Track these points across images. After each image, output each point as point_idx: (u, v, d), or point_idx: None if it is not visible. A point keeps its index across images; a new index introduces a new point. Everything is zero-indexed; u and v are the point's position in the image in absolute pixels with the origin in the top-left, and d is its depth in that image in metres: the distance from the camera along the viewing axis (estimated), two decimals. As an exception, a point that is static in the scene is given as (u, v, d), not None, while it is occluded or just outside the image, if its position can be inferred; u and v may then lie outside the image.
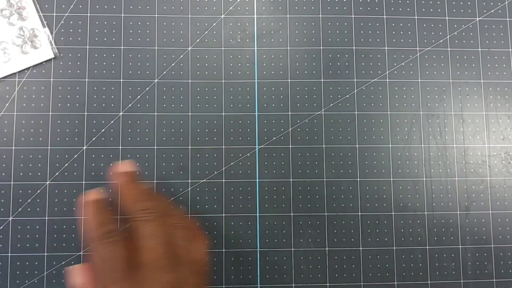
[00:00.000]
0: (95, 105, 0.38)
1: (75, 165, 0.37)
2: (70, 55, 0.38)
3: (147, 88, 0.38)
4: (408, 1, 0.40)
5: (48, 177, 0.37)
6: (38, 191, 0.37)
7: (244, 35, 0.39)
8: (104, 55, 0.38)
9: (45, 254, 0.36)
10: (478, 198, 0.39)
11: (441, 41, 0.40)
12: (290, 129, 0.38)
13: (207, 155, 0.38)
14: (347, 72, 0.39)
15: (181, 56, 0.38)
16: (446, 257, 0.38)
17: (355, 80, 0.39)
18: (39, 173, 0.37)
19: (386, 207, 0.38)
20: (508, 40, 0.40)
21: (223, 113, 0.38)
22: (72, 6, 0.38)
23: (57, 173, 0.37)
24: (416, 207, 0.38)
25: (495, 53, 0.40)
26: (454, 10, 0.40)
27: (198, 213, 0.37)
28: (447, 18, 0.40)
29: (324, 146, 0.38)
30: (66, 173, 0.37)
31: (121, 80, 0.38)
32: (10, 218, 0.36)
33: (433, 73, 0.40)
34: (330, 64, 0.39)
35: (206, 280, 0.32)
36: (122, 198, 0.32)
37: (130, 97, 0.38)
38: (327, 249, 0.37)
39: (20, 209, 0.36)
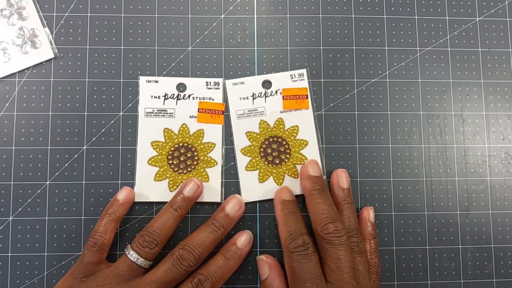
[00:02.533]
0: (95, 105, 0.38)
1: (75, 165, 0.37)
2: (70, 55, 0.38)
3: (147, 88, 0.38)
4: (408, 1, 0.40)
5: (48, 177, 0.37)
6: (38, 191, 0.37)
7: (244, 35, 0.39)
8: (104, 55, 0.38)
9: (45, 254, 0.36)
10: (478, 198, 0.39)
11: (441, 41, 0.40)
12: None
13: (207, 155, 0.38)
14: (347, 72, 0.39)
15: (181, 56, 0.38)
16: (446, 257, 0.38)
17: (355, 80, 0.39)
18: (39, 173, 0.37)
19: (386, 207, 0.38)
20: (508, 40, 0.40)
21: (224, 113, 0.38)
22: (72, 6, 0.38)
23: (57, 173, 0.37)
24: (416, 207, 0.38)
25: (495, 53, 0.40)
26: (454, 10, 0.40)
27: (198, 213, 0.37)
28: (447, 18, 0.40)
29: (324, 146, 0.38)
30: (66, 173, 0.37)
31: (121, 80, 0.38)
32: (10, 218, 0.36)
33: (433, 73, 0.40)
34: (330, 64, 0.39)
35: None
36: (312, 212, 0.33)
37: (130, 97, 0.38)
38: (327, 249, 0.37)
39: (20, 209, 0.36)
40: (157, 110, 0.37)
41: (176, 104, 0.37)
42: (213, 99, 0.37)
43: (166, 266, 0.31)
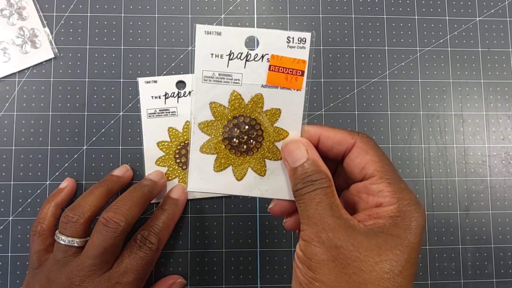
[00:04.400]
0: (95, 105, 0.38)
1: (75, 165, 0.37)
2: (70, 55, 0.38)
3: (147, 88, 0.38)
4: (408, 1, 0.40)
5: (48, 177, 0.37)
6: (38, 191, 0.37)
7: (244, 35, 0.39)
8: (104, 55, 0.38)
9: (45, 254, 0.36)
10: (478, 198, 0.39)
11: (441, 41, 0.40)
12: (290, 129, 0.38)
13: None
14: (347, 72, 0.39)
15: (181, 56, 0.38)
16: (446, 257, 0.38)
17: (355, 80, 0.39)
18: (39, 173, 0.37)
19: (386, 207, 0.38)
20: (508, 40, 0.40)
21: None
22: (72, 6, 0.38)
23: (57, 173, 0.37)
24: (416, 207, 0.38)
25: (495, 53, 0.40)
26: (454, 10, 0.40)
27: (198, 213, 0.37)
28: (447, 18, 0.40)
29: (324, 146, 0.38)
30: (66, 173, 0.37)
31: (121, 80, 0.38)
32: (10, 218, 0.36)
33: (433, 73, 0.40)
34: (330, 64, 0.39)
35: None
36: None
37: (130, 97, 0.38)
38: (327, 249, 0.37)
39: (20, 209, 0.36)
40: (159, 110, 0.37)
41: (178, 102, 0.37)
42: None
43: (95, 236, 0.30)
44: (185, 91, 0.37)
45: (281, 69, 0.27)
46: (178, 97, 0.37)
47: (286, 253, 0.37)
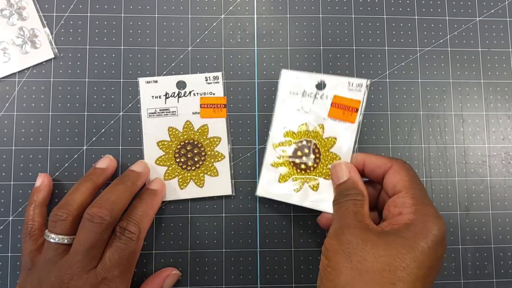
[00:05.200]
0: (95, 105, 0.38)
1: (75, 165, 0.37)
2: (70, 55, 0.38)
3: (147, 88, 0.38)
4: (408, 1, 0.40)
5: (48, 177, 0.37)
6: (38, 191, 0.37)
7: (244, 35, 0.39)
8: (104, 55, 0.38)
9: (45, 254, 0.36)
10: (478, 198, 0.39)
11: (441, 41, 0.40)
12: (290, 129, 0.38)
13: (207, 155, 0.38)
14: (347, 72, 0.39)
15: (181, 56, 0.38)
16: (446, 257, 0.38)
17: (355, 80, 0.39)
18: (39, 173, 0.37)
19: (386, 207, 0.38)
20: (508, 40, 0.40)
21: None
22: (72, 6, 0.38)
23: (57, 173, 0.37)
24: (416, 207, 0.38)
25: (495, 53, 0.40)
26: (454, 10, 0.40)
27: (198, 213, 0.37)
28: (447, 18, 0.40)
29: (324, 146, 0.38)
30: (66, 173, 0.37)
31: (121, 80, 0.38)
32: (10, 218, 0.36)
33: (433, 73, 0.40)
34: (330, 64, 0.39)
35: None
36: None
37: (130, 97, 0.38)
38: (327, 249, 0.37)
39: (20, 209, 0.36)
40: (160, 110, 0.37)
41: (178, 102, 0.37)
42: (214, 94, 0.38)
43: (81, 232, 0.30)
44: (185, 91, 0.37)
45: (340, 106, 0.35)
46: (179, 97, 0.37)
47: (286, 253, 0.37)
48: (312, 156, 0.35)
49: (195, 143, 0.37)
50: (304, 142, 0.36)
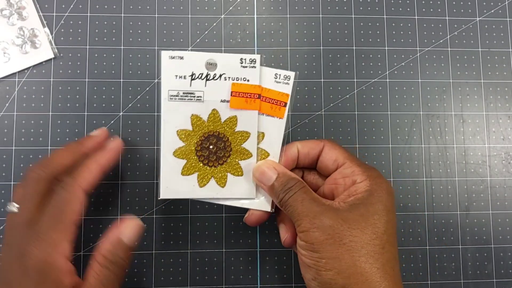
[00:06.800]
0: (95, 105, 0.38)
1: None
2: (70, 55, 0.38)
3: (147, 88, 0.38)
4: (408, 1, 0.40)
5: (48, 177, 0.37)
6: (38, 191, 0.37)
7: (244, 35, 0.39)
8: (104, 55, 0.38)
9: (45, 254, 0.36)
10: (478, 198, 0.39)
11: (441, 41, 0.40)
12: (290, 129, 0.38)
13: (207, 155, 0.38)
14: (347, 72, 0.39)
15: (181, 56, 0.38)
16: (446, 257, 0.38)
17: (355, 80, 0.39)
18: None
19: (386, 207, 0.38)
20: (508, 40, 0.40)
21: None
22: (72, 6, 0.38)
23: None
24: (416, 207, 0.38)
25: (495, 53, 0.40)
26: (454, 10, 0.40)
27: (198, 213, 0.37)
28: (447, 18, 0.40)
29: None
30: (66, 173, 0.37)
31: (121, 80, 0.38)
32: (10, 218, 0.36)
33: (433, 73, 0.40)
34: (330, 64, 0.39)
35: None
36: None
37: (130, 97, 0.38)
38: (327, 249, 0.37)
39: (20, 209, 0.36)
40: (183, 93, 0.32)
41: (205, 86, 0.32)
42: (248, 80, 0.32)
43: (21, 188, 0.30)
44: (215, 74, 0.32)
45: (270, 100, 0.33)
46: (207, 79, 0.32)
47: (286, 253, 0.37)
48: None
49: (221, 136, 0.33)
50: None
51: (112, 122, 0.38)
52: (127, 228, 0.30)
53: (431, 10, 0.40)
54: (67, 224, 0.29)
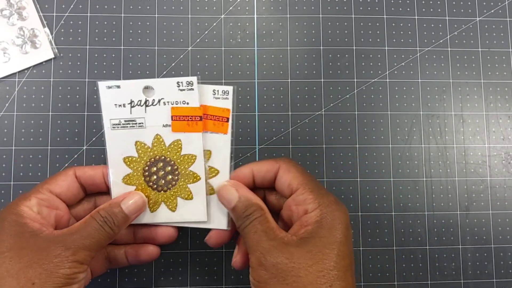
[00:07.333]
0: (95, 105, 0.38)
1: (75, 165, 0.37)
2: (70, 55, 0.38)
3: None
4: (408, 1, 0.40)
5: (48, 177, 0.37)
6: (38, 191, 0.37)
7: (244, 35, 0.39)
8: (104, 55, 0.38)
9: (45, 254, 0.36)
10: (478, 198, 0.39)
11: (441, 41, 0.40)
12: (290, 129, 0.38)
13: (207, 155, 0.38)
14: (347, 72, 0.39)
15: (181, 56, 0.38)
16: (446, 257, 0.38)
17: (355, 80, 0.39)
18: (39, 173, 0.37)
19: (386, 207, 0.38)
20: (508, 40, 0.40)
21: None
22: (72, 6, 0.38)
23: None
24: (416, 207, 0.38)
25: (495, 53, 0.40)
26: (454, 10, 0.40)
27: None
28: (447, 18, 0.40)
29: (324, 146, 0.38)
30: (66, 173, 0.37)
31: (121, 80, 0.38)
32: (10, 218, 0.36)
33: (433, 73, 0.40)
34: (330, 64, 0.39)
35: None
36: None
37: (130, 97, 0.38)
38: (327, 249, 0.37)
39: (20, 209, 0.36)
40: (125, 121, 0.32)
41: (145, 112, 0.32)
42: (188, 103, 0.32)
43: None
44: (153, 99, 0.32)
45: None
46: (146, 105, 0.32)
47: (286, 253, 0.37)
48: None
49: (167, 160, 0.32)
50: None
51: (112, 122, 0.38)
52: (130, 200, 0.30)
53: (431, 10, 0.40)
54: (43, 188, 0.30)
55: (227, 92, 0.33)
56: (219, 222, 0.33)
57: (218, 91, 0.33)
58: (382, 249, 0.38)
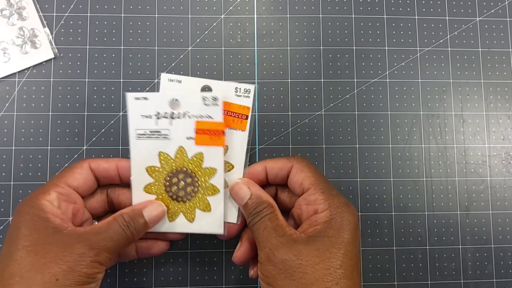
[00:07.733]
0: (95, 105, 0.38)
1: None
2: (70, 55, 0.38)
3: (147, 88, 0.38)
4: (408, 1, 0.40)
5: (48, 177, 0.37)
6: (38, 191, 0.37)
7: (244, 35, 0.39)
8: (104, 55, 0.38)
9: (45, 254, 0.36)
10: (478, 198, 0.39)
11: (441, 41, 0.40)
12: (290, 129, 0.38)
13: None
14: (347, 72, 0.39)
15: (181, 56, 0.38)
16: (446, 257, 0.38)
17: (355, 80, 0.39)
18: (39, 173, 0.37)
19: (386, 207, 0.38)
20: (508, 40, 0.40)
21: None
22: (72, 6, 0.38)
23: (57, 173, 0.37)
24: (416, 207, 0.38)
25: (495, 53, 0.40)
26: (454, 10, 0.40)
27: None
28: (447, 18, 0.40)
29: (324, 146, 0.38)
30: (66, 173, 0.37)
31: (121, 80, 0.38)
32: (10, 218, 0.36)
33: (433, 73, 0.40)
34: (330, 64, 0.39)
35: None
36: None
37: (130, 97, 0.38)
38: (327, 249, 0.37)
39: (20, 209, 0.36)
40: (150, 132, 0.33)
41: (171, 124, 0.33)
42: (211, 117, 0.33)
43: None
44: (179, 112, 0.33)
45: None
46: (172, 118, 0.33)
47: (286, 253, 0.37)
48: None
49: (188, 172, 0.33)
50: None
51: (112, 122, 0.38)
52: (151, 208, 0.31)
53: (431, 10, 0.40)
54: (60, 182, 0.30)
55: (248, 90, 0.35)
56: (230, 215, 0.34)
57: (240, 89, 0.35)
58: (382, 249, 0.38)
